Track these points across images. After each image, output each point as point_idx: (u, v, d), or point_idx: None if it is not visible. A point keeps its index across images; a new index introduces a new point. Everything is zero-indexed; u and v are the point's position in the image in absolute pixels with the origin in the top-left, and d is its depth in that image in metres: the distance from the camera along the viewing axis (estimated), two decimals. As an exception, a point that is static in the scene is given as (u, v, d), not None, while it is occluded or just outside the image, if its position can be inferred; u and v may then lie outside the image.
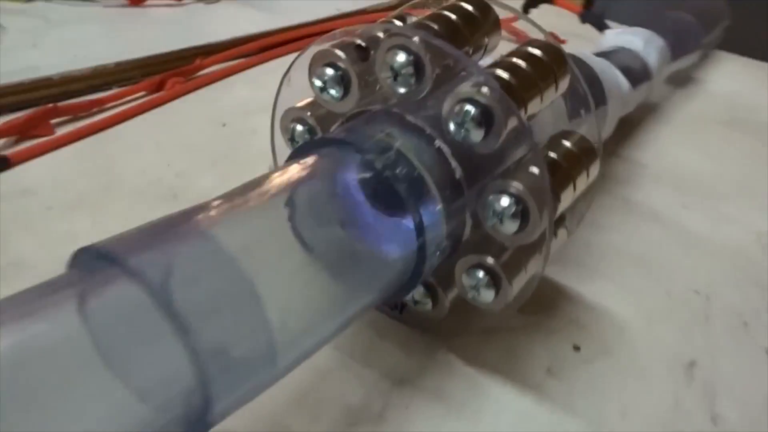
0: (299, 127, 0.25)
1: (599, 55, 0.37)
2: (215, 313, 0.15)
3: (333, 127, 0.24)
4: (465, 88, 0.20)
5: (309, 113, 0.24)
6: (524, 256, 0.22)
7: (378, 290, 0.21)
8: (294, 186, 0.20)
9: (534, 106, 0.21)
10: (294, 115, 0.25)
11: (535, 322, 0.27)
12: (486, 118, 0.20)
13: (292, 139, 0.25)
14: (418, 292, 0.25)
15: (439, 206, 0.21)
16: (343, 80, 0.22)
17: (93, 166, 0.36)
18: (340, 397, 0.24)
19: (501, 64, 0.21)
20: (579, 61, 0.30)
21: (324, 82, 0.23)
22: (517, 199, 0.20)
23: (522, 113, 0.21)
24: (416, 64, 0.20)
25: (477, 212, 0.22)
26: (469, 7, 0.23)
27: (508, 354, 0.26)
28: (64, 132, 0.39)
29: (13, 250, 0.30)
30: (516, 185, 0.20)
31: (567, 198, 0.22)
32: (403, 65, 0.20)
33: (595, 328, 0.27)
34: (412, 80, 0.21)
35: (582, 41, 0.48)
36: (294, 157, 0.21)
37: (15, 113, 0.39)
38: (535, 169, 0.20)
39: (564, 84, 0.23)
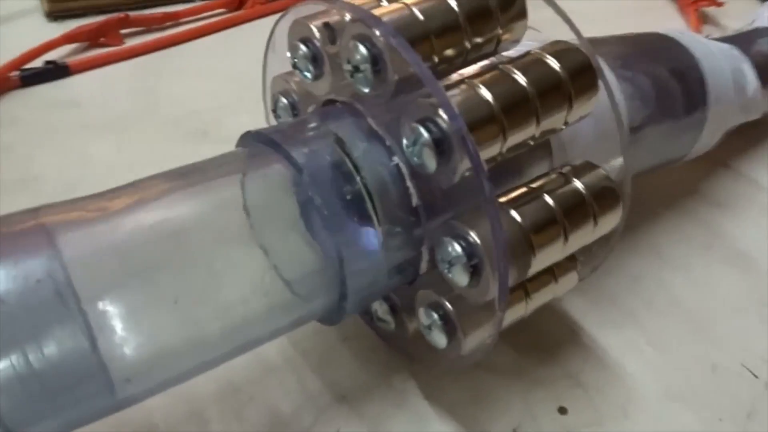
0: (283, 101, 0.22)
1: (727, 39, 0.29)
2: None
3: (309, 108, 0.21)
4: (423, 104, 0.16)
5: (294, 86, 0.21)
6: (487, 310, 0.18)
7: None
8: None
9: (522, 134, 0.17)
10: (279, 86, 0.22)
11: (524, 364, 0.23)
12: (441, 148, 0.16)
13: (274, 110, 0.22)
14: (382, 308, 0.22)
15: (378, 232, 0.17)
16: (315, 60, 0.19)
17: (142, 87, 0.36)
18: (273, 402, 0.22)
19: (488, 73, 0.17)
20: (670, 48, 0.23)
21: (295, 59, 0.19)
22: (468, 250, 0.16)
23: (498, 144, 0.16)
24: (375, 62, 0.16)
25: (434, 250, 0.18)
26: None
27: (476, 398, 0.22)
28: (131, 44, 0.39)
29: (37, 165, 0.30)
30: (472, 234, 0.16)
31: (551, 254, 0.18)
32: (361, 61, 0.17)
33: (594, 391, 0.23)
34: (373, 80, 0.17)
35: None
36: (242, 145, 0.19)
37: (90, 18, 0.39)
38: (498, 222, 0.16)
39: (587, 104, 0.18)
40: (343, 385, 0.22)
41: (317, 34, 0.18)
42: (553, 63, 0.17)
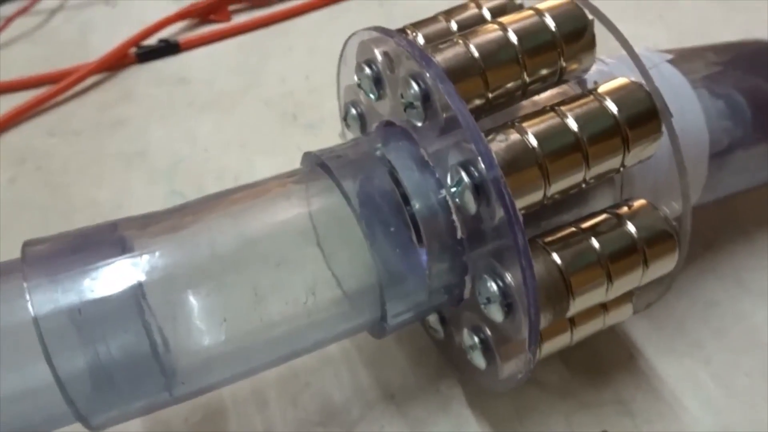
0: (352, 111, 0.22)
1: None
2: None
3: (374, 123, 0.21)
4: (466, 149, 0.16)
5: (362, 98, 0.22)
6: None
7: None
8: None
9: (568, 181, 0.16)
10: (350, 97, 0.22)
11: (574, 383, 0.23)
12: (480, 192, 0.16)
13: (344, 119, 0.23)
14: (433, 318, 0.22)
15: (422, 261, 0.18)
16: (378, 82, 0.19)
17: (244, 65, 0.38)
18: (327, 391, 0.24)
19: (539, 116, 0.16)
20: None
21: (360, 79, 0.20)
22: (504, 290, 0.17)
23: (539, 191, 0.16)
24: (426, 98, 0.17)
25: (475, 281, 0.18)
26: (550, 23, 0.17)
27: (518, 413, 0.23)
28: (239, 21, 0.40)
29: (145, 140, 0.34)
30: (507, 276, 0.16)
31: (592, 298, 0.17)
32: (414, 98, 0.17)
33: (643, 421, 0.22)
34: (425, 115, 0.17)
35: None
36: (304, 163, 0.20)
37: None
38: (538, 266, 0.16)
39: (647, 150, 0.17)
40: (392, 384, 0.24)
41: (380, 58, 0.19)
42: (612, 106, 0.16)
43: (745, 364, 0.24)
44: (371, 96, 0.20)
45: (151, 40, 0.38)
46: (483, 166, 0.15)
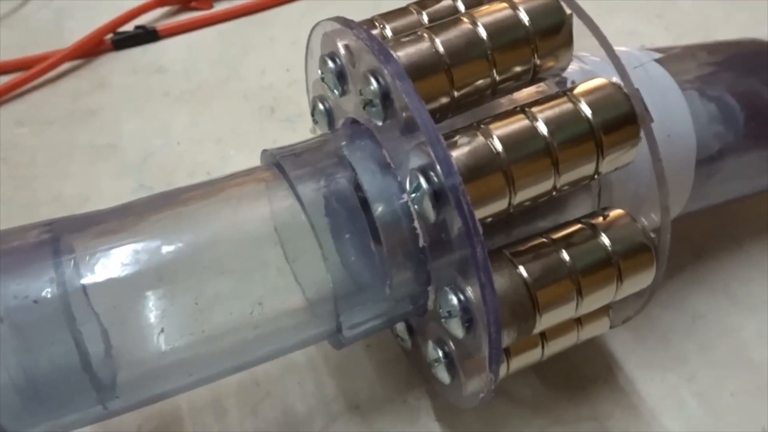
0: (320, 106, 0.21)
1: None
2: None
3: (341, 120, 0.20)
4: (424, 153, 0.15)
5: (329, 94, 0.21)
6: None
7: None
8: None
9: (535, 189, 0.15)
10: (318, 91, 0.21)
11: (549, 397, 0.22)
12: (439, 201, 0.15)
13: (312, 114, 0.22)
14: (400, 326, 0.21)
15: (380, 268, 0.17)
16: (342, 77, 0.18)
17: (223, 55, 0.36)
18: (289, 401, 0.23)
19: (507, 117, 0.15)
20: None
21: (323, 73, 0.18)
22: (464, 305, 0.15)
23: (504, 199, 0.15)
24: (386, 97, 0.15)
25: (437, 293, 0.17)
26: (523, 17, 0.16)
27: (489, 428, 0.22)
28: (221, 9, 0.39)
29: (117, 131, 0.32)
30: (468, 290, 0.15)
31: (560, 315, 0.16)
32: (373, 95, 0.16)
33: (619, 440, 0.21)
34: (384, 114, 0.16)
35: None
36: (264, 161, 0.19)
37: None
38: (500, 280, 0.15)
39: (623, 157, 0.16)
40: (358, 394, 0.23)
41: (342, 52, 0.18)
42: (586, 109, 0.15)
43: (731, 382, 0.23)
44: (335, 91, 0.19)
45: (128, 27, 0.37)
46: (438, 171, 0.14)
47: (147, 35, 0.36)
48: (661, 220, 0.16)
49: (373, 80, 0.15)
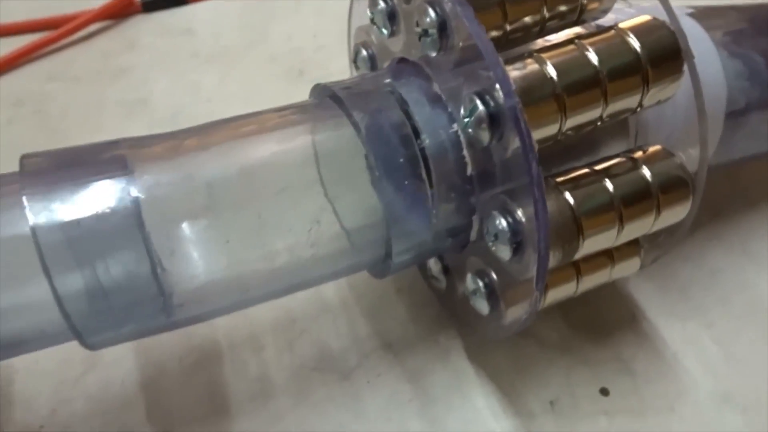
0: (363, 52, 0.22)
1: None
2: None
3: (385, 64, 0.21)
4: (482, 77, 0.15)
5: (374, 39, 0.21)
6: (532, 286, 0.18)
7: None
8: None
9: (585, 116, 0.16)
10: (361, 38, 0.22)
11: (574, 340, 0.23)
12: (495, 123, 0.15)
13: (354, 62, 0.22)
14: (436, 267, 0.22)
15: (429, 197, 0.17)
16: (392, 17, 0.19)
17: (251, 20, 0.37)
18: (324, 338, 0.23)
19: (559, 48, 0.16)
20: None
21: (373, 14, 0.19)
22: (514, 227, 0.16)
23: (555, 124, 0.16)
24: (443, 27, 0.16)
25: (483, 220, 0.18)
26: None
27: (517, 366, 0.22)
28: (247, -25, 0.40)
29: (147, 88, 0.33)
30: (518, 212, 0.16)
31: (602, 241, 0.17)
32: (429, 25, 0.16)
33: (644, 380, 0.22)
34: (440, 44, 0.17)
35: None
36: (313, 96, 0.19)
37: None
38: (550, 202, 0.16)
39: (667, 89, 0.17)
40: (390, 334, 0.23)
41: (396, -10, 0.18)
42: (634, 41, 0.16)
43: (748, 330, 0.23)
44: (384, 31, 0.19)
45: (158, -10, 0.37)
46: (500, 93, 0.15)
47: (176, -1, 0.37)
48: (701, 153, 0.17)
49: (430, 10, 0.16)
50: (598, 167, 0.17)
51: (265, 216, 0.16)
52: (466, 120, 0.16)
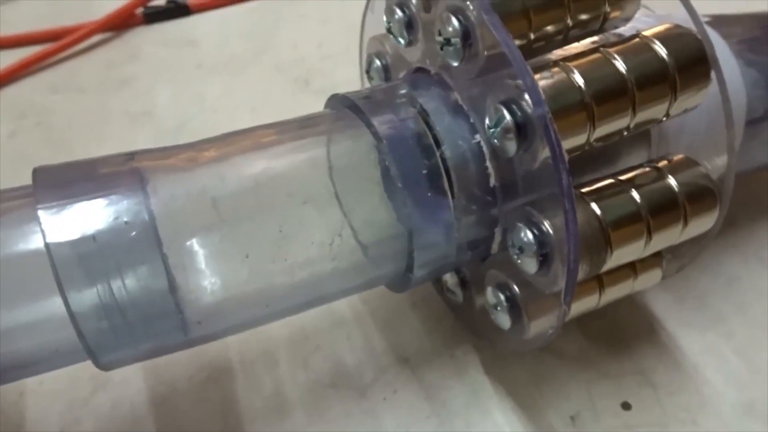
0: (376, 62, 0.22)
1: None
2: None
3: (401, 74, 0.21)
4: (509, 86, 0.15)
5: (388, 49, 0.21)
6: (555, 299, 0.18)
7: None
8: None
9: (613, 125, 0.16)
10: (374, 48, 0.22)
11: (593, 353, 0.23)
12: (523, 133, 0.15)
13: (367, 72, 0.22)
14: (452, 280, 0.22)
15: (452, 209, 0.17)
16: (410, 26, 0.19)
17: (256, 29, 0.37)
18: (338, 354, 0.23)
19: (586, 56, 0.16)
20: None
21: (390, 23, 0.19)
22: (540, 239, 0.16)
23: (584, 134, 0.15)
24: (466, 36, 0.16)
25: (507, 233, 0.17)
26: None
27: (536, 381, 0.22)
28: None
29: (151, 100, 0.33)
30: (545, 224, 0.16)
31: (630, 253, 0.17)
32: (453, 34, 0.16)
33: (665, 392, 0.22)
34: (463, 54, 0.16)
35: None
36: (330, 106, 0.19)
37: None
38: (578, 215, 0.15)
39: (694, 97, 0.16)
40: (406, 349, 0.23)
41: (414, 0, 0.18)
42: (660, 49, 0.16)
43: (768, 340, 0.23)
44: (401, 41, 0.19)
45: (160, 1, 0.37)
46: (528, 101, 0.14)
47: (178, 9, 0.37)
48: (728, 160, 0.17)
49: (453, 19, 0.16)
50: (622, 177, 0.17)
51: (287, 229, 0.16)
52: (492, 130, 0.16)
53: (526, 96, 0.15)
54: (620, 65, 0.15)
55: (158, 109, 0.32)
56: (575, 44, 0.18)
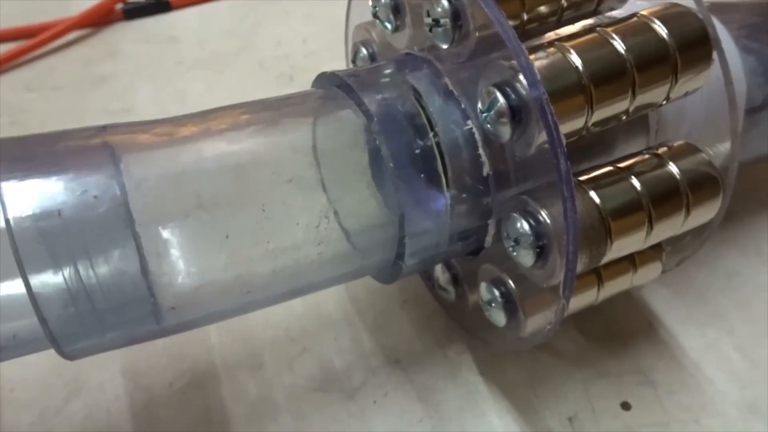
0: (363, 51, 0.21)
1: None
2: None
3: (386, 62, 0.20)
4: (503, 67, 0.14)
5: (375, 37, 0.20)
6: (553, 294, 0.17)
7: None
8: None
9: (612, 108, 0.15)
10: (360, 36, 0.21)
11: (591, 352, 0.22)
12: (518, 116, 0.14)
13: (353, 61, 0.21)
14: (444, 277, 0.21)
15: (446, 194, 0.16)
16: (397, 10, 0.18)
17: (239, 25, 0.36)
18: (326, 356, 0.22)
19: (582, 36, 0.15)
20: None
21: (376, 8, 0.18)
22: (537, 230, 0.15)
23: (582, 117, 0.14)
24: (456, 17, 0.15)
25: (501, 223, 0.17)
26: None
27: (533, 381, 0.21)
28: (232, -18, 0.38)
29: (130, 97, 0.31)
30: (542, 213, 0.15)
31: (630, 244, 0.16)
32: (442, 15, 0.15)
33: (665, 391, 0.21)
34: (453, 35, 0.15)
35: None
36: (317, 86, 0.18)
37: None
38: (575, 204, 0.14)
39: (695, 79, 0.16)
40: (397, 349, 0.22)
41: (401, -19, 0.17)
42: (660, 28, 0.15)
43: (770, 336, 0.22)
44: (387, 26, 0.18)
45: (140, -3, 0.36)
46: (524, 83, 0.14)
47: (159, 5, 0.36)
48: (731, 145, 0.16)
49: (443, -1, 0.15)
50: (621, 165, 0.16)
51: (270, 210, 0.15)
52: (485, 115, 0.15)
53: (521, 77, 0.14)
54: (619, 45, 0.15)
55: (138, 107, 0.31)
56: (569, 27, 0.17)
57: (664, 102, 0.16)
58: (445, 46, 0.16)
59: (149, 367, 0.21)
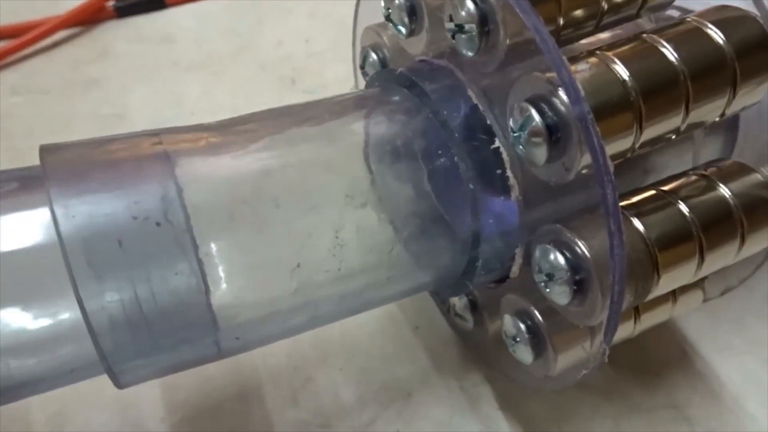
0: (372, 56, 0.19)
1: None
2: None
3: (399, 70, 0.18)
4: (539, 80, 0.12)
5: (386, 40, 0.18)
6: (586, 330, 0.15)
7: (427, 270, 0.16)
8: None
9: (663, 126, 0.13)
10: (370, 40, 0.19)
11: (621, 384, 0.20)
12: (556, 137, 0.12)
13: (362, 67, 0.19)
14: (461, 303, 0.19)
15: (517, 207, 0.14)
16: (413, 12, 0.16)
17: (238, 24, 0.34)
18: (331, 388, 0.20)
19: (628, 44, 0.13)
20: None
21: (389, 9, 0.16)
22: (573, 263, 0.13)
23: (630, 137, 0.13)
24: (484, 22, 0.13)
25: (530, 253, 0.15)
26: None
27: (558, 416, 0.19)
28: (230, -22, 0.36)
29: (123, 101, 0.30)
30: (580, 245, 0.13)
31: (679, 278, 0.14)
32: (468, 20, 0.13)
33: (701, 427, 0.19)
34: (479, 43, 0.14)
35: None
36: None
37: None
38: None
39: (755, 92, 0.14)
40: (409, 381, 0.20)
41: (418, -20, 0.15)
42: (716, 34, 0.13)
43: (814, 365, 0.21)
44: (401, 30, 0.16)
45: (133, -6, 0.34)
46: (563, 99, 0.12)
47: (153, 3, 0.34)
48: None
49: (469, 1, 0.13)
50: (666, 187, 0.15)
51: (344, 235, 0.13)
52: (516, 134, 0.13)
53: (561, 92, 0.12)
54: (669, 54, 0.13)
55: (130, 111, 0.29)
56: (606, 33, 0.15)
57: (719, 118, 0.14)
58: (470, 55, 0.14)
59: (139, 400, 0.19)
